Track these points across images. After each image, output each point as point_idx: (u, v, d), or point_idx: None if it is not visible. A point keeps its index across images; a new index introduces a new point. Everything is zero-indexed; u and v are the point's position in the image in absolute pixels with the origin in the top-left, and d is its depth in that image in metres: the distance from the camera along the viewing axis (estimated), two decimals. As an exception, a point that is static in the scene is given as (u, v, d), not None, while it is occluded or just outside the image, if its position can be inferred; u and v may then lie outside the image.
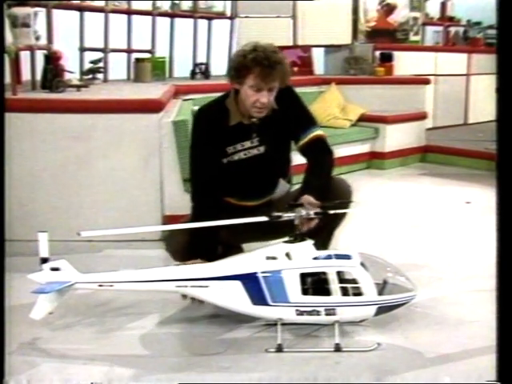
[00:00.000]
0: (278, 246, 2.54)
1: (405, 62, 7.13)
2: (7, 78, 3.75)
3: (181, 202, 3.76)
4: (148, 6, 5.91)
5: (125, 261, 3.43)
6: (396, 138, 6.27)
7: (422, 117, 6.63)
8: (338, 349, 2.41)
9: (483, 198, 3.32)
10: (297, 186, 2.91)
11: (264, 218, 2.49)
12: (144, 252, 3.58)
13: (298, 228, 2.50)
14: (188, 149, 3.74)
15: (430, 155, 6.56)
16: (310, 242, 2.53)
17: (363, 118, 6.25)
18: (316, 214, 2.51)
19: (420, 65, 7.38)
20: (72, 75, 4.51)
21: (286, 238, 2.55)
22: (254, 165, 2.82)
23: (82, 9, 5.41)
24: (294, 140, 2.87)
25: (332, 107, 6.16)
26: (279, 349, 2.41)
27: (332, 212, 2.54)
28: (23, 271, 2.49)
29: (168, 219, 3.77)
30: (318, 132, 2.86)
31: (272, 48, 2.69)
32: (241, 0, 6.52)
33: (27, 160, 3.70)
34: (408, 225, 4.17)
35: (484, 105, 7.70)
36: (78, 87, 4.36)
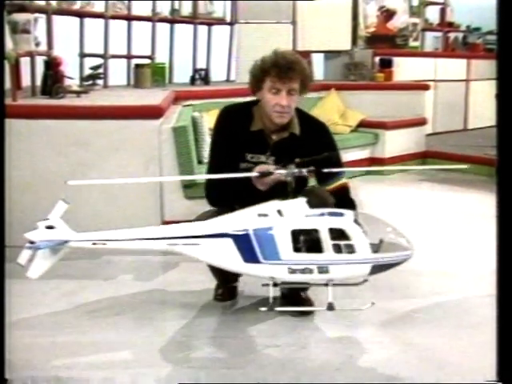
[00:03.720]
0: (269, 204, 2.47)
1: (404, 68, 7.15)
2: (7, 84, 3.75)
3: (180, 208, 3.77)
4: (148, 12, 5.94)
5: (124, 265, 3.44)
6: (396, 143, 6.29)
7: (421, 122, 6.65)
8: (330, 308, 2.38)
9: (483, 204, 3.32)
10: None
11: (255, 174, 2.49)
12: (144, 257, 3.58)
13: (290, 185, 2.45)
14: (187, 155, 3.79)
15: (430, 161, 6.56)
16: (302, 200, 2.46)
17: (363, 124, 6.28)
18: (309, 171, 2.47)
19: (419, 70, 7.40)
20: (72, 81, 4.52)
21: None
22: None
23: (81, 15, 5.43)
24: (317, 181, 2.78)
25: (332, 113, 6.17)
26: (271, 308, 2.42)
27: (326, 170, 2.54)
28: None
29: (168, 225, 3.76)
30: (344, 181, 2.78)
31: (290, 52, 2.69)
32: (242, 0, 6.53)
33: (27, 166, 3.70)
34: (408, 229, 4.16)
35: (483, 110, 7.70)
36: (78, 93, 4.36)
